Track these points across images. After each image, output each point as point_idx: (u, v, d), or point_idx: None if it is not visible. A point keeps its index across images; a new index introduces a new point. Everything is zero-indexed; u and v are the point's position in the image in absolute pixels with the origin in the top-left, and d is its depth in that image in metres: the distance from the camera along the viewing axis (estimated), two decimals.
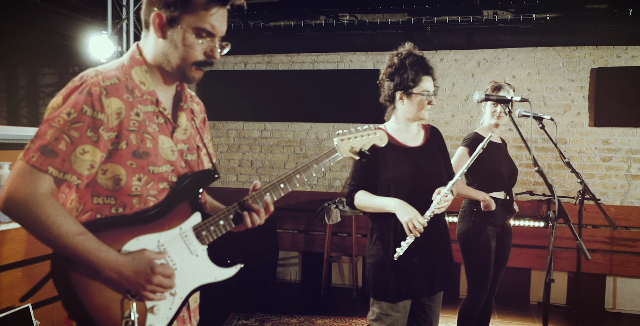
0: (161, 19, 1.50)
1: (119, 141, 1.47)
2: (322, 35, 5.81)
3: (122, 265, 1.43)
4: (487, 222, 3.41)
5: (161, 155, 1.54)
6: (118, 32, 5.19)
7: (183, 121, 1.64)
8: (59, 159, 1.39)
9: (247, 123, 6.47)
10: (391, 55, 2.64)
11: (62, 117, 1.41)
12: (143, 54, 1.58)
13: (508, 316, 5.02)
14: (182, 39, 1.51)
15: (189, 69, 1.55)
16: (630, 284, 5.33)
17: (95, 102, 1.43)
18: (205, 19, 1.50)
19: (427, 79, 2.57)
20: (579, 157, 5.58)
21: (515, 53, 5.73)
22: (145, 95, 1.54)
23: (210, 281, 1.61)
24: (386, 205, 2.48)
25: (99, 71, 1.49)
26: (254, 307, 5.06)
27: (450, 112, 5.90)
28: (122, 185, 1.48)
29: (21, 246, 2.92)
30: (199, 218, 1.58)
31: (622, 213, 5.33)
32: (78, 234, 1.39)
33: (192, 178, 1.58)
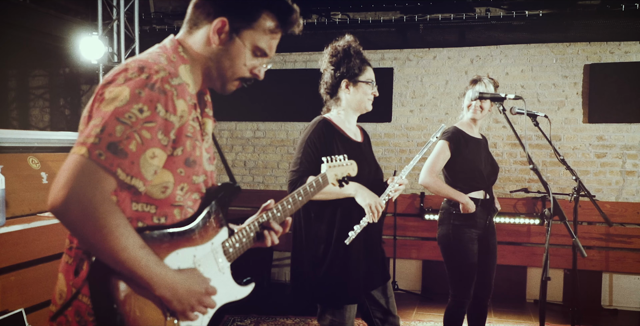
0: (224, 25, 1.43)
1: (176, 146, 1.36)
2: (314, 34, 5.78)
3: (178, 283, 1.34)
4: (468, 225, 3.32)
5: (203, 165, 1.48)
6: (109, 33, 5.15)
7: (209, 129, 1.56)
8: (127, 161, 1.24)
9: (239, 123, 6.44)
10: (332, 46, 2.62)
11: (135, 113, 1.25)
12: (186, 51, 1.48)
13: (504, 315, 5.01)
14: (238, 52, 1.46)
15: (231, 82, 1.52)
16: (626, 280, 5.34)
17: (169, 102, 1.31)
18: (267, 41, 1.49)
19: (370, 69, 2.60)
20: (574, 153, 5.58)
21: (508, 50, 5.72)
22: (191, 99, 1.43)
23: (232, 300, 1.59)
24: (345, 189, 2.36)
25: (159, 65, 1.35)
26: (249, 309, 5.03)
27: (444, 109, 5.89)
28: (168, 194, 1.38)
29: (13, 250, 2.89)
30: (226, 234, 1.55)
31: (618, 210, 5.34)
32: (141, 247, 1.27)
33: (223, 192, 1.55)
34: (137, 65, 1.33)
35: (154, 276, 1.29)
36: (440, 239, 3.41)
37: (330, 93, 2.62)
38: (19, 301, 2.86)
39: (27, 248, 2.96)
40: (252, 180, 6.41)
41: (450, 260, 3.38)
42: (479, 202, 3.36)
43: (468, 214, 3.31)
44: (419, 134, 5.97)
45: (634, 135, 5.44)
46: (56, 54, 6.12)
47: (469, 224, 3.33)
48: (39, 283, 3.00)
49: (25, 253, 2.96)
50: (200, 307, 1.41)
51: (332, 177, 1.92)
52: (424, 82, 5.94)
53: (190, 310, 1.39)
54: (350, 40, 2.61)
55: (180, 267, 1.40)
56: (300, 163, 2.45)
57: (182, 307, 1.37)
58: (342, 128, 2.56)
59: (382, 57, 6.03)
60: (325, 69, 2.63)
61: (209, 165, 1.52)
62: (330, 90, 2.62)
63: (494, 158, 3.58)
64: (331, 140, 2.46)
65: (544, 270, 2.61)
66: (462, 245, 3.31)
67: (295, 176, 2.43)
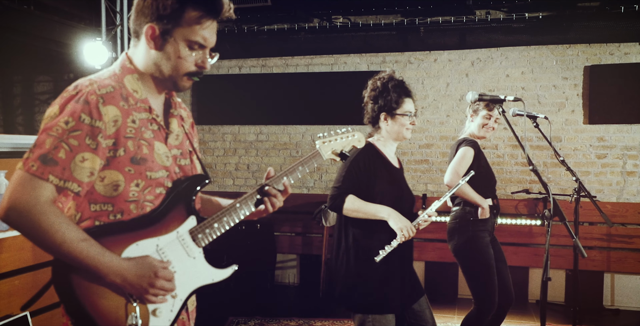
0: (154, 31, 1.54)
1: (117, 148, 1.49)
2: (315, 37, 5.81)
3: (126, 269, 1.46)
4: (484, 230, 3.37)
5: (157, 161, 1.57)
6: (112, 39, 5.20)
7: (175, 127, 1.68)
8: (59, 167, 1.41)
9: (242, 126, 6.47)
10: (373, 79, 2.79)
11: (61, 125, 1.42)
12: (133, 63, 1.61)
13: (507, 315, 5.01)
14: (174, 51, 1.56)
15: (180, 79, 1.61)
16: (627, 280, 5.35)
17: (93, 110, 1.45)
18: (197, 32, 1.55)
19: (408, 100, 2.74)
20: (574, 154, 5.59)
21: (508, 52, 5.75)
22: (138, 103, 1.57)
23: (208, 283, 1.65)
24: (379, 212, 2.54)
25: (92, 80, 1.52)
26: (253, 311, 5.06)
27: (445, 112, 5.92)
28: (120, 191, 1.50)
29: (18, 254, 2.92)
30: (194, 222, 1.62)
31: (619, 210, 5.35)
32: (81, 240, 1.41)
33: (186, 182, 1.63)
34: (74, 85, 1.52)
35: (99, 264, 1.43)
36: (459, 248, 3.38)
37: (372, 123, 2.79)
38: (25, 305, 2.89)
39: (31, 253, 2.99)
40: (256, 183, 6.43)
41: (474, 269, 3.35)
42: (490, 207, 3.43)
43: (484, 220, 3.35)
44: (421, 136, 6.00)
45: (634, 136, 5.46)
46: (60, 59, 6.16)
47: (486, 229, 3.39)
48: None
49: (29, 257, 2.99)
50: (154, 290, 1.49)
51: (327, 152, 1.89)
52: (425, 85, 5.97)
53: (145, 293, 1.49)
54: (389, 74, 2.78)
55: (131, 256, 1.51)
56: (342, 181, 2.64)
57: (137, 291, 1.48)
58: (385, 155, 2.73)
59: (383, 60, 6.06)
60: (366, 102, 2.81)
61: (169, 161, 1.61)
62: (371, 121, 2.79)
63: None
64: (375, 164, 2.64)
65: (544, 270, 2.62)
66: (483, 251, 3.33)
67: (335, 192, 2.62)
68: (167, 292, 1.53)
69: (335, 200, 2.59)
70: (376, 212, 2.54)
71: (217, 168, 6.54)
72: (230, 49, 6.03)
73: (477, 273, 3.34)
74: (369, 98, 2.78)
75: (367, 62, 6.12)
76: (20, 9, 4.90)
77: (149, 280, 1.48)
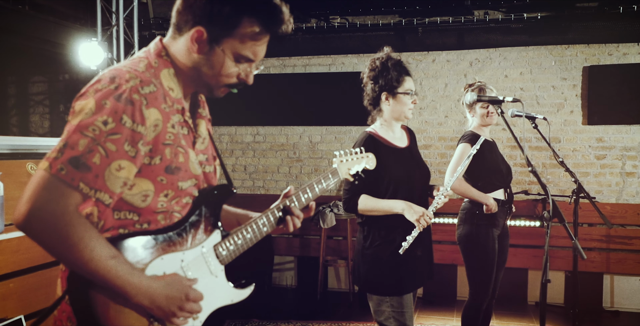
0: (201, 35, 1.38)
1: (153, 155, 1.35)
2: (313, 38, 5.79)
3: (155, 290, 1.33)
4: (491, 224, 3.38)
5: (190, 170, 1.44)
6: (108, 39, 5.16)
7: (203, 130, 1.54)
8: (91, 174, 1.24)
9: (239, 128, 6.44)
10: (372, 59, 2.74)
11: (98, 125, 1.25)
12: (170, 55, 1.45)
13: (506, 317, 5.00)
14: (219, 62, 1.41)
15: (217, 89, 1.49)
16: (627, 282, 5.33)
17: (136, 113, 1.29)
18: (250, 47, 1.41)
19: (409, 79, 2.71)
20: (573, 155, 5.57)
21: (507, 52, 5.73)
22: (175, 104, 1.42)
23: (227, 304, 1.57)
24: (393, 207, 2.52)
25: (132, 73, 1.33)
26: (250, 313, 5.02)
27: (444, 112, 5.89)
28: (149, 202, 1.37)
29: (13, 257, 2.89)
30: (219, 237, 1.53)
31: (618, 211, 5.33)
32: (111, 258, 1.26)
33: (213, 193, 1.52)
34: (110, 76, 1.32)
35: (127, 285, 1.29)
36: (462, 239, 3.45)
37: (373, 105, 2.74)
38: (19, 308, 2.86)
39: (26, 255, 2.96)
40: (253, 185, 6.41)
41: (472, 260, 3.42)
42: (500, 202, 3.42)
43: (491, 214, 3.36)
44: (419, 137, 5.96)
45: (634, 137, 5.44)
46: (56, 60, 6.12)
47: (491, 224, 3.38)
48: (38, 290, 2.99)
49: (24, 260, 2.96)
50: (182, 313, 1.39)
51: (344, 172, 1.89)
52: (423, 85, 5.94)
53: (172, 316, 1.38)
54: (388, 52, 2.72)
55: (165, 273, 1.39)
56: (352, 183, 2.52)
57: (164, 314, 1.36)
58: (386, 139, 2.68)
59: None
60: (365, 82, 2.75)
61: (199, 168, 1.49)
62: (372, 103, 2.73)
63: (505, 160, 3.66)
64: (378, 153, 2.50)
65: (543, 272, 2.60)
66: (485, 244, 3.36)
67: (348, 195, 2.60)
68: (193, 315, 1.43)
69: (349, 203, 2.59)
70: (390, 208, 2.53)
71: None
72: None
73: (476, 263, 3.41)
74: (369, 79, 2.73)
75: (365, 62, 6.05)
76: (15, 9, 4.87)
77: (179, 303, 1.37)
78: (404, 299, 2.57)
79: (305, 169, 6.27)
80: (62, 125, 1.71)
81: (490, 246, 3.37)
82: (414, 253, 2.58)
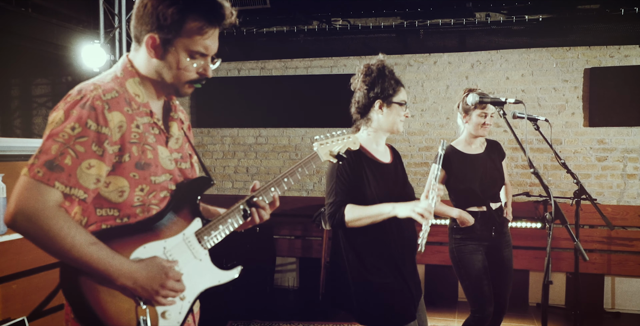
0: (154, 41, 1.52)
1: (122, 154, 1.49)
2: (315, 40, 5.80)
3: (136, 271, 1.46)
4: (468, 238, 3.35)
5: (161, 165, 1.58)
6: (111, 41, 5.18)
7: (175, 130, 1.68)
8: (64, 174, 1.39)
9: (242, 129, 6.45)
10: (365, 65, 2.53)
11: (67, 131, 1.41)
12: (135, 66, 1.60)
13: (507, 318, 4.98)
14: (175, 61, 1.54)
15: (182, 86, 1.60)
16: (628, 283, 5.32)
17: (99, 116, 1.44)
18: (199, 42, 1.54)
19: (403, 90, 2.53)
20: (575, 157, 5.58)
21: (508, 54, 5.73)
22: (141, 107, 1.56)
23: (215, 284, 1.66)
24: (382, 210, 2.32)
25: (96, 84, 1.49)
26: (252, 314, 5.03)
27: (445, 114, 5.90)
28: (126, 197, 1.51)
29: (15, 258, 2.90)
30: (199, 224, 1.64)
31: (619, 213, 5.33)
32: (91, 244, 1.41)
33: (190, 185, 1.65)
34: (77, 89, 1.49)
35: (110, 267, 1.42)
36: (449, 255, 3.45)
37: (362, 113, 2.54)
38: (21, 309, 2.87)
39: (28, 257, 2.97)
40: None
41: (460, 274, 3.40)
42: (478, 214, 3.37)
43: (468, 227, 3.33)
44: (420, 139, 5.98)
45: (635, 139, 5.44)
46: (58, 62, 6.14)
47: (469, 237, 3.36)
48: (41, 291, 3.00)
49: (27, 261, 2.97)
50: (165, 291, 1.50)
51: (325, 153, 1.92)
52: (424, 87, 5.95)
53: (155, 294, 1.49)
54: (382, 60, 2.53)
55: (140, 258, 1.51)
56: (335, 194, 2.39)
57: (147, 293, 1.49)
58: (369, 151, 2.51)
59: None
60: (358, 88, 2.54)
61: (172, 164, 1.62)
62: (362, 110, 2.54)
63: (497, 170, 3.50)
64: (360, 165, 2.41)
65: (545, 274, 2.59)
66: (466, 257, 3.34)
67: (332, 208, 2.38)
68: (177, 293, 1.54)
69: (335, 216, 2.36)
70: (380, 211, 2.32)
71: (216, 171, 6.52)
72: (229, 51, 6.01)
73: (463, 277, 3.38)
74: (363, 84, 2.50)
75: None
76: (18, 11, 4.89)
77: (160, 281, 1.49)
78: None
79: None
80: None
81: (473, 261, 3.31)
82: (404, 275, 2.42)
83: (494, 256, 3.41)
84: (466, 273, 3.34)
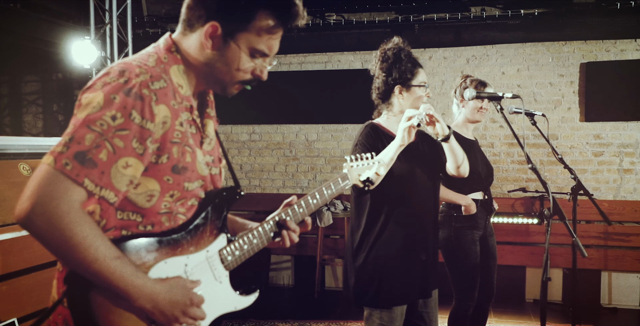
0: (215, 30, 1.34)
1: (161, 154, 1.30)
2: (309, 35, 5.75)
3: (159, 294, 1.29)
4: (470, 227, 3.30)
5: (197, 171, 1.40)
6: (101, 37, 5.11)
7: (210, 130, 1.51)
8: (97, 171, 1.19)
9: (235, 126, 6.40)
10: (382, 50, 2.53)
11: (106, 120, 1.20)
12: (181, 51, 1.40)
13: (504, 315, 4.98)
14: (234, 58, 1.37)
15: (231, 86, 1.45)
16: (625, 279, 5.31)
17: (146, 109, 1.25)
18: (265, 41, 1.38)
19: (421, 71, 2.51)
20: (571, 152, 5.55)
21: (504, 49, 5.70)
22: (184, 101, 1.38)
23: (231, 310, 1.52)
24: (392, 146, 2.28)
25: (142, 67, 1.29)
26: (247, 313, 4.95)
27: (441, 110, 5.86)
28: (154, 202, 1.33)
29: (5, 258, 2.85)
30: (224, 241, 1.49)
31: (616, 208, 5.31)
32: (114, 258, 1.22)
33: (221, 196, 1.48)
34: (119, 69, 1.28)
35: (131, 287, 1.24)
36: (442, 243, 3.33)
37: (383, 98, 2.54)
38: (12, 310, 2.82)
39: (19, 257, 2.92)
40: (249, 184, 6.37)
41: (453, 263, 3.33)
42: (479, 202, 3.34)
43: (469, 215, 3.28)
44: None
45: (631, 133, 5.42)
46: (48, 59, 6.07)
47: (470, 226, 3.30)
48: (32, 292, 2.95)
49: (17, 261, 2.92)
50: (186, 318, 1.34)
51: (354, 177, 1.84)
52: None
53: (175, 321, 1.33)
54: (399, 42, 2.53)
55: (168, 277, 1.35)
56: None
57: (166, 319, 1.31)
58: (391, 131, 2.50)
59: None
60: (377, 75, 2.54)
61: (206, 169, 1.45)
62: (382, 96, 2.54)
63: (487, 159, 3.54)
64: (379, 144, 2.42)
65: (544, 270, 2.57)
66: (465, 247, 3.29)
67: None
68: (196, 321, 1.37)
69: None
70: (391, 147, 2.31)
71: None
72: None
73: (457, 266, 3.32)
74: (381, 71, 2.50)
75: (361, 59, 6.06)
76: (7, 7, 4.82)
77: (182, 308, 1.33)
78: (393, 312, 2.42)
79: (301, 168, 6.23)
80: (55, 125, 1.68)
81: (471, 250, 3.29)
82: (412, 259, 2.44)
83: (483, 244, 3.39)
84: (462, 262, 3.29)
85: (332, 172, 6.14)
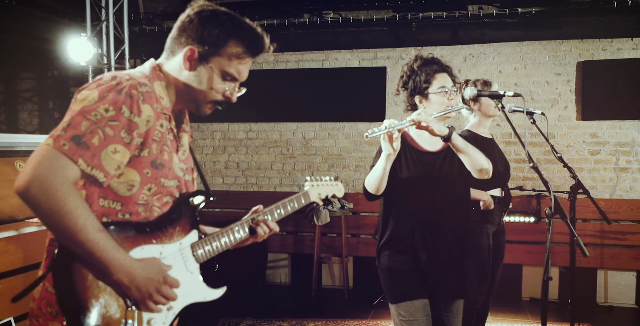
0: (193, 53, 1.56)
1: (143, 148, 1.48)
2: (306, 33, 5.74)
3: (136, 269, 1.42)
4: (486, 221, 3.34)
5: (173, 170, 1.58)
6: (97, 34, 5.08)
7: (185, 142, 1.69)
8: (89, 153, 1.36)
9: (232, 124, 6.38)
10: (402, 66, 2.69)
11: (100, 111, 1.39)
12: (163, 71, 1.62)
13: (501, 313, 4.98)
14: (208, 77, 1.58)
15: (204, 105, 1.63)
16: (621, 277, 5.33)
17: (134, 105, 1.44)
18: (235, 66, 1.59)
19: (441, 75, 2.57)
20: (568, 150, 5.56)
21: (501, 48, 5.70)
22: (164, 110, 1.57)
23: (200, 301, 1.64)
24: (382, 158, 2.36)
25: (130, 75, 1.50)
26: (244, 312, 4.98)
27: None
28: (134, 192, 1.49)
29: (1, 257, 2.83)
30: (196, 237, 1.64)
31: (612, 206, 5.33)
32: (99, 231, 1.36)
33: (193, 196, 1.65)
34: (110, 75, 1.50)
35: (112, 259, 1.37)
36: None
37: (412, 109, 2.65)
38: (8, 310, 2.80)
39: (15, 255, 2.90)
40: (246, 182, 6.36)
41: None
42: (496, 198, 3.39)
43: (486, 210, 3.32)
44: None
45: (627, 132, 5.44)
46: (44, 56, 6.03)
47: (486, 220, 3.35)
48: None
49: (14, 260, 2.90)
50: (158, 296, 1.47)
51: (314, 195, 2.06)
52: None
53: (148, 298, 1.45)
54: (417, 55, 2.67)
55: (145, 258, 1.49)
56: None
57: (141, 295, 1.44)
58: (414, 138, 2.60)
59: (375, 56, 5.99)
60: (399, 91, 2.70)
61: (181, 173, 1.62)
62: (411, 108, 2.65)
63: (504, 155, 3.57)
64: (401, 152, 2.50)
65: (545, 269, 2.57)
66: (480, 240, 3.32)
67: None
68: (167, 301, 1.51)
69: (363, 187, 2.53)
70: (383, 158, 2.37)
71: (207, 167, 6.44)
72: None
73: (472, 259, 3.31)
74: (401, 87, 2.66)
75: (358, 58, 6.05)
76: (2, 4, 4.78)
77: (157, 285, 1.46)
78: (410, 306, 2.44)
79: (298, 166, 6.22)
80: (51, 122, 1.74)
81: (484, 244, 3.33)
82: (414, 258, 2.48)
83: (495, 241, 3.42)
84: (479, 257, 3.29)
85: (329, 170, 6.13)
